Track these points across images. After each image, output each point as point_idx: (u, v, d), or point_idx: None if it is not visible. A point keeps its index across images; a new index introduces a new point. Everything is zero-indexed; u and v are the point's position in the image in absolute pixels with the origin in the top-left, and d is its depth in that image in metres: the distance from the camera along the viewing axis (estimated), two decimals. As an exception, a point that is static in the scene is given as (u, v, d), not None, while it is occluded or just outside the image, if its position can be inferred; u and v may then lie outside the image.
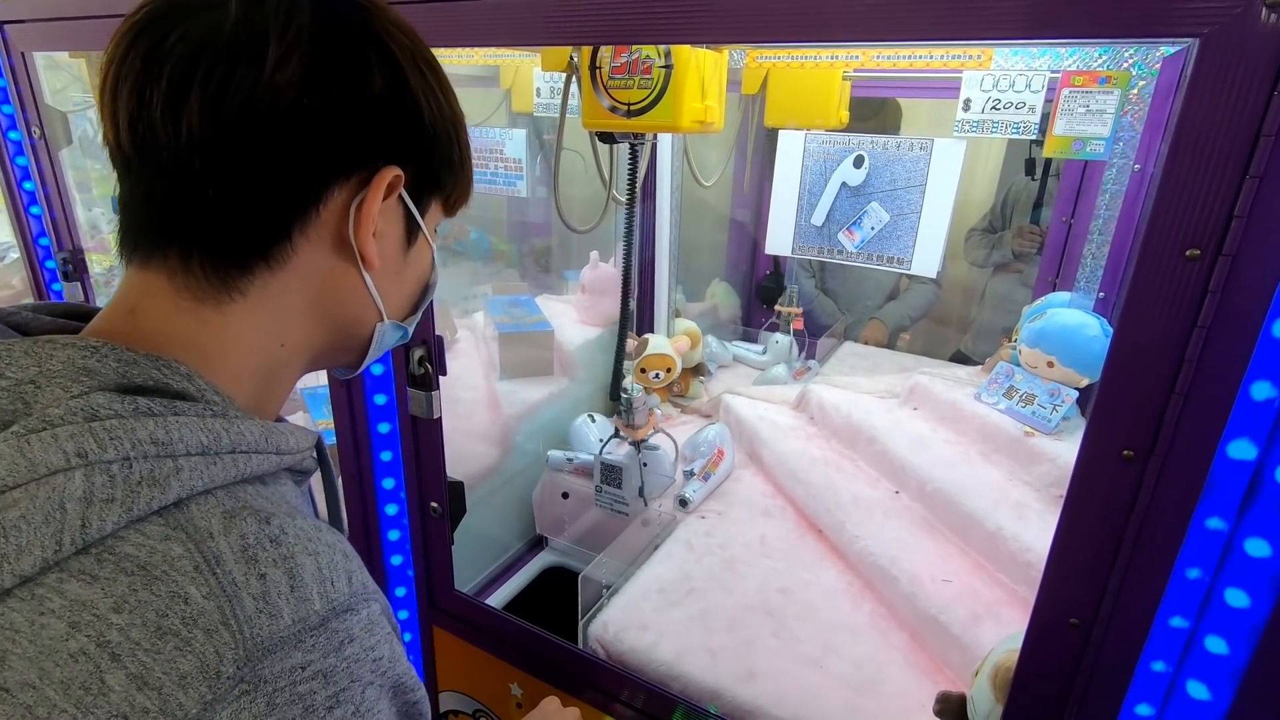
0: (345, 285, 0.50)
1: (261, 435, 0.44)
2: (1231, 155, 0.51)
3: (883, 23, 0.62)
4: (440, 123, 0.50)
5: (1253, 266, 0.53)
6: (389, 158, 0.47)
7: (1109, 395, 0.62)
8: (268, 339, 0.48)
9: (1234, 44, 0.50)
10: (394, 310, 0.55)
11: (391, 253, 0.51)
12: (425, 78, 0.48)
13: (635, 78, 1.14)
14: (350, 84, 0.44)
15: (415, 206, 0.51)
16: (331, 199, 0.46)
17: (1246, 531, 0.60)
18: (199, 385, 0.44)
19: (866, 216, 1.38)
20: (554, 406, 1.75)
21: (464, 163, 0.54)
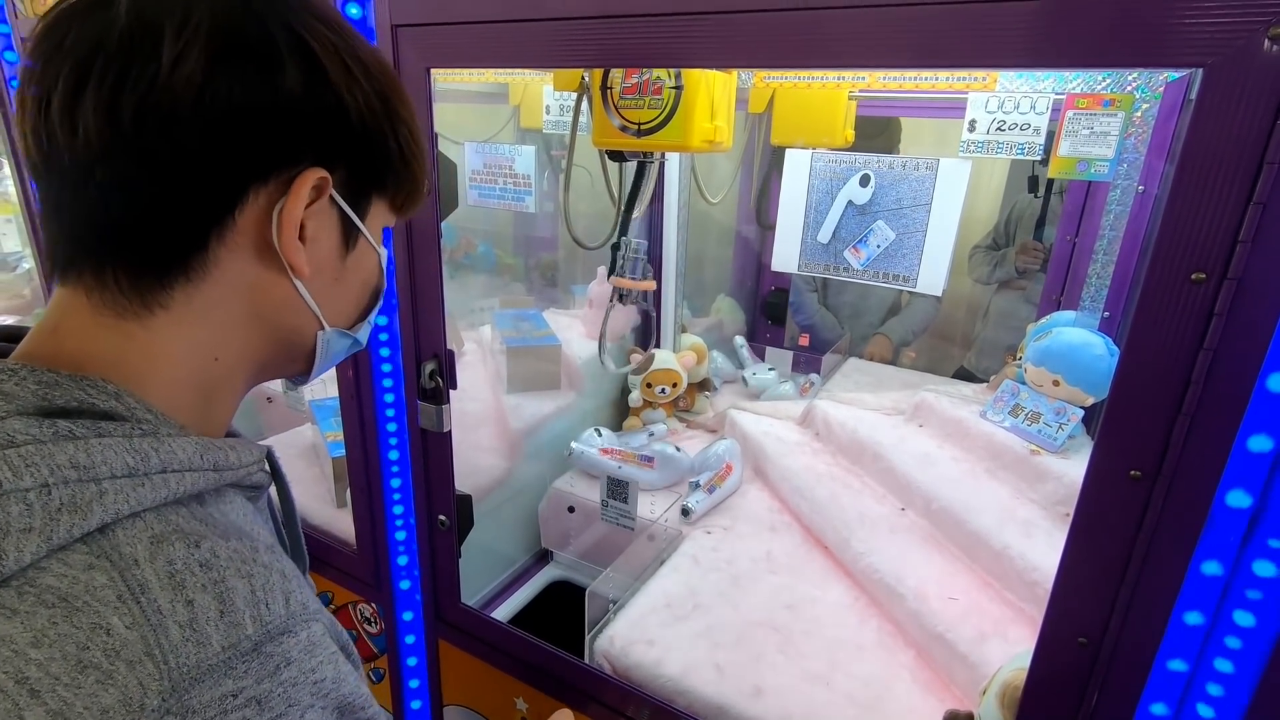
0: (277, 295, 0.47)
1: (196, 452, 0.43)
2: (1236, 181, 0.53)
3: (886, 49, 0.63)
4: (373, 119, 0.46)
5: (1257, 290, 0.53)
6: (312, 159, 0.44)
7: (1116, 416, 0.63)
8: (200, 352, 0.46)
9: (1238, 74, 0.51)
10: (336, 318, 0.52)
11: (327, 259, 0.49)
12: (350, 71, 0.45)
13: (646, 98, 1.15)
14: (258, 80, 0.41)
15: (353, 209, 0.48)
16: (249, 205, 0.43)
17: (1253, 554, 0.60)
18: (128, 403, 0.42)
19: (872, 235, 1.40)
20: (561, 420, 1.76)
21: (410, 161, 0.51)
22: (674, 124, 1.15)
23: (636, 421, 1.89)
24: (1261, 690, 0.62)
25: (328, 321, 0.51)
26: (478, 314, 2.12)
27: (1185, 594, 0.64)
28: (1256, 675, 0.62)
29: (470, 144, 1.81)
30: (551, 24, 0.81)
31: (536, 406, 1.72)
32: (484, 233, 2.34)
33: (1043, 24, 0.57)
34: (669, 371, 1.81)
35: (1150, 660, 0.67)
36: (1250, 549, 0.60)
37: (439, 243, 1.02)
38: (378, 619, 1.37)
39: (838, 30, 0.65)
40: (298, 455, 1.74)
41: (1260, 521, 0.58)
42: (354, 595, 1.39)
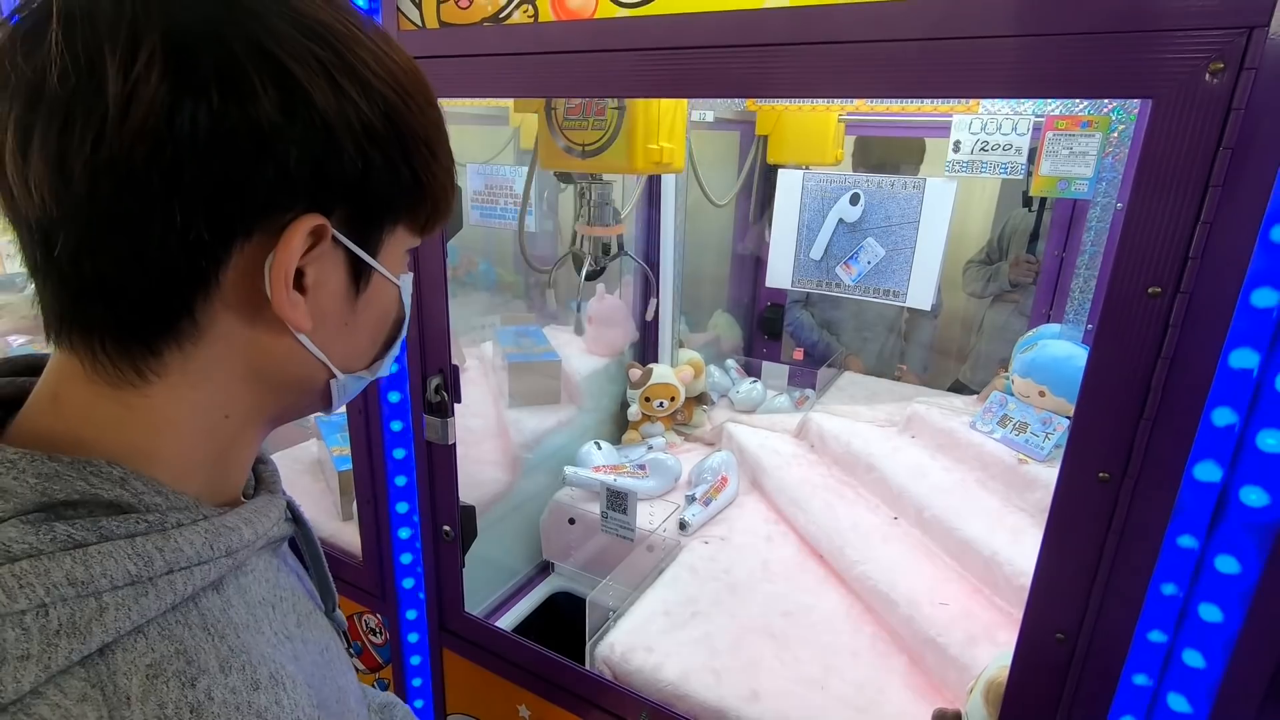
0: (279, 350, 0.42)
1: (206, 543, 0.39)
2: (1185, 203, 0.57)
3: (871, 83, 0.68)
4: (376, 144, 0.39)
5: (1207, 302, 0.58)
6: (304, 201, 0.38)
7: (1084, 421, 0.67)
8: (207, 415, 0.42)
9: (1183, 104, 0.56)
10: (348, 362, 0.47)
11: (333, 305, 0.43)
12: (342, 91, 0.37)
13: (589, 119, 1.12)
14: (225, 116, 0.34)
15: (362, 245, 0.42)
16: (234, 263, 0.38)
17: (1216, 549, 0.64)
18: (134, 489, 0.38)
19: (863, 251, 1.44)
20: (561, 434, 1.80)
21: (429, 178, 0.44)
22: (618, 145, 1.12)
23: (635, 435, 1.92)
24: (1228, 680, 0.65)
25: (340, 368, 0.46)
26: (479, 331, 2.17)
27: (1154, 588, 0.67)
28: (1223, 665, 0.65)
29: (472, 165, 1.87)
30: (544, 57, 0.86)
31: (538, 421, 1.76)
32: (485, 251, 2.39)
33: (1013, 59, 0.62)
34: (667, 386, 1.85)
35: (1124, 653, 0.70)
36: (1211, 545, 0.64)
37: (445, 262, 1.07)
38: (382, 629, 1.40)
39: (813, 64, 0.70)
40: (303, 470, 1.78)
41: (1221, 515, 0.62)
42: (359, 606, 1.42)
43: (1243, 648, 0.64)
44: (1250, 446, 0.59)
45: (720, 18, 0.73)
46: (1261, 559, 0.61)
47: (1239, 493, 0.62)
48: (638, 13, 0.78)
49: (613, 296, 1.95)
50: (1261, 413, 0.58)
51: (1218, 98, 0.54)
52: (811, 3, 0.68)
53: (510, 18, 0.86)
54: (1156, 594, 0.67)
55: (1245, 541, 0.62)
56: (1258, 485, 0.60)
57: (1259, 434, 0.59)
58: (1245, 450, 0.60)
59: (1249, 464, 0.59)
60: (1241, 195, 0.55)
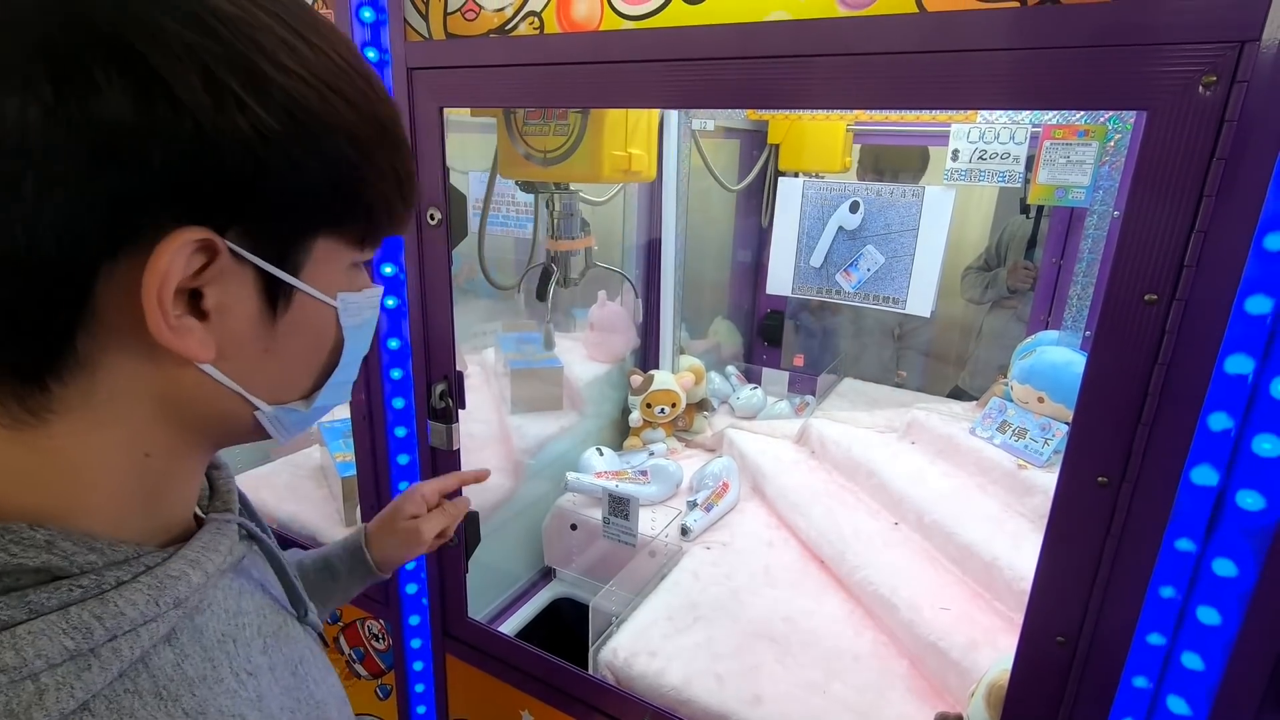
0: (186, 382, 0.37)
1: (150, 600, 0.36)
2: (1179, 212, 0.58)
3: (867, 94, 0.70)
4: (270, 145, 0.34)
5: (1202, 309, 0.59)
6: (177, 214, 0.33)
7: (1083, 426, 0.68)
8: (125, 455, 0.37)
9: (1177, 116, 0.57)
10: (275, 394, 0.41)
11: (246, 331, 0.38)
12: (219, 84, 0.32)
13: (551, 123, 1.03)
14: (63, 116, 0.30)
15: (278, 262, 0.37)
16: (104, 288, 0.33)
17: (1214, 552, 0.65)
18: (64, 550, 0.34)
19: (863, 258, 1.46)
20: (563, 440, 1.81)
21: (358, 183, 0.39)
22: (582, 151, 1.04)
23: (637, 441, 1.93)
24: (1227, 682, 0.66)
25: (264, 400, 0.41)
26: (480, 338, 2.18)
27: (1152, 591, 0.68)
28: (1222, 667, 0.66)
29: (474, 173, 1.88)
30: (550, 68, 0.87)
31: (540, 427, 1.77)
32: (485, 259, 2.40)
33: (1009, 70, 0.63)
34: (668, 392, 1.86)
35: (1124, 655, 0.71)
36: (1209, 549, 0.65)
37: (449, 270, 1.08)
38: (385, 635, 1.40)
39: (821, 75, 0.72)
40: (306, 476, 1.78)
41: (1218, 519, 0.63)
42: (362, 612, 1.42)
43: (1241, 650, 0.65)
44: (1246, 451, 0.60)
45: (723, 30, 0.75)
46: (1259, 562, 0.62)
47: (1236, 497, 0.63)
48: (642, 25, 0.79)
49: (614, 303, 1.97)
50: (1257, 418, 0.59)
51: (1211, 109, 0.56)
52: (812, 16, 0.70)
53: (516, 29, 0.88)
54: (1155, 597, 0.68)
55: (1242, 545, 0.63)
56: (1254, 489, 0.61)
57: (1255, 439, 0.60)
58: (1241, 455, 0.61)
59: (1245, 468, 0.61)
60: (1235, 204, 0.57)
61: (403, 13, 0.96)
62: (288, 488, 1.72)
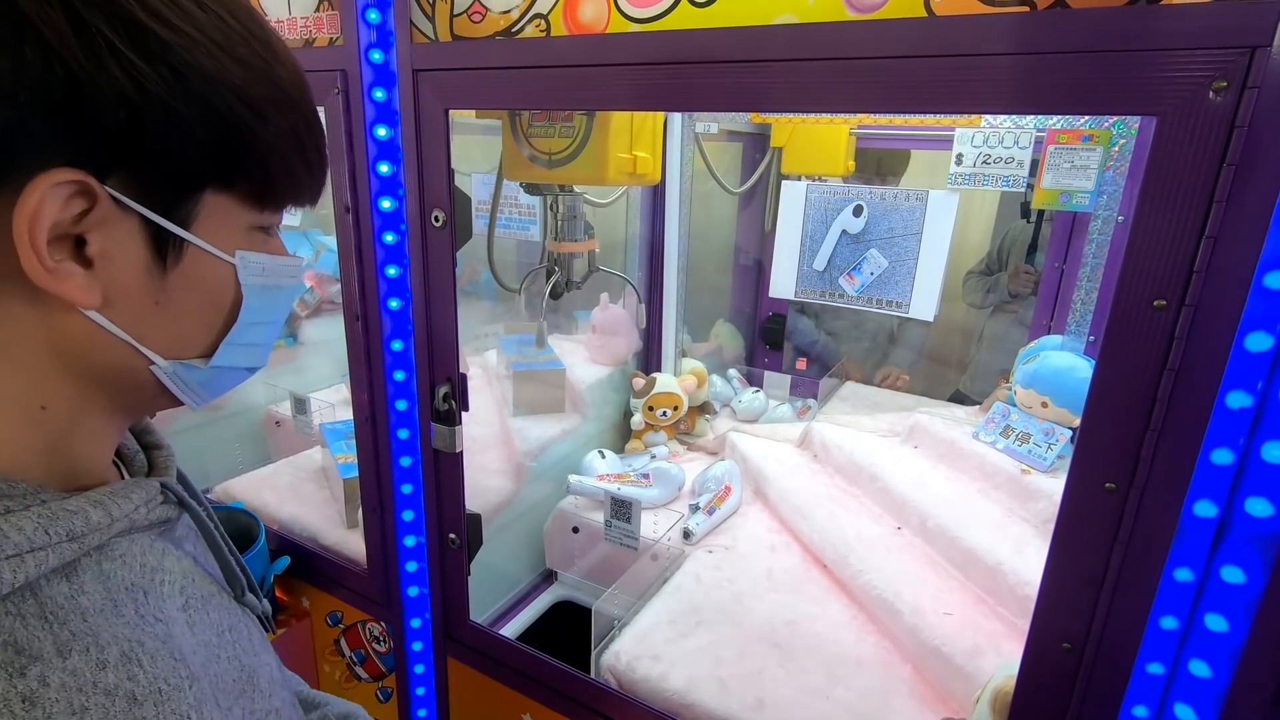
0: (76, 331, 0.38)
1: (39, 528, 0.35)
2: (1189, 217, 0.58)
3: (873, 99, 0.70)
4: (147, 95, 0.35)
5: (1212, 315, 0.59)
6: (49, 157, 0.34)
7: (1091, 432, 0.68)
8: (20, 406, 0.38)
9: (1187, 122, 0.57)
10: (172, 348, 0.42)
11: (132, 280, 0.38)
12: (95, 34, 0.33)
13: (556, 125, 1.04)
14: None
15: (164, 212, 0.38)
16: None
17: (1222, 560, 0.65)
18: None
19: (866, 262, 1.45)
20: (565, 443, 1.80)
21: (251, 140, 0.39)
22: (587, 154, 1.04)
23: (639, 444, 1.93)
24: (1235, 690, 0.66)
25: (160, 353, 0.41)
26: (482, 340, 2.17)
27: (1160, 598, 0.68)
28: (1229, 675, 0.66)
29: (477, 175, 1.88)
30: (557, 71, 0.87)
31: (542, 429, 1.77)
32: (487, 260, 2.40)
33: (1018, 75, 0.63)
34: (670, 395, 1.86)
35: (1131, 662, 0.71)
36: (1217, 556, 0.65)
37: (454, 272, 1.08)
38: (387, 638, 1.40)
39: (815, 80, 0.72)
40: (307, 478, 1.78)
41: (1228, 529, 0.63)
42: (363, 614, 1.42)
43: (1249, 657, 0.64)
44: (1255, 458, 0.60)
45: (731, 33, 0.74)
46: (1267, 570, 0.62)
47: (1244, 504, 0.62)
48: (649, 28, 0.79)
49: (616, 306, 1.96)
50: (1267, 425, 0.59)
51: (1221, 115, 0.56)
52: (820, 20, 0.70)
53: (522, 32, 0.88)
54: (1163, 605, 0.68)
55: (1250, 553, 0.63)
56: (1263, 496, 0.61)
57: (1264, 446, 0.59)
58: (1251, 462, 0.60)
59: (1254, 476, 0.60)
60: (1245, 210, 0.56)
61: (409, 14, 0.96)
62: (289, 488, 1.71)
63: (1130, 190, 1.32)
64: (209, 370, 0.44)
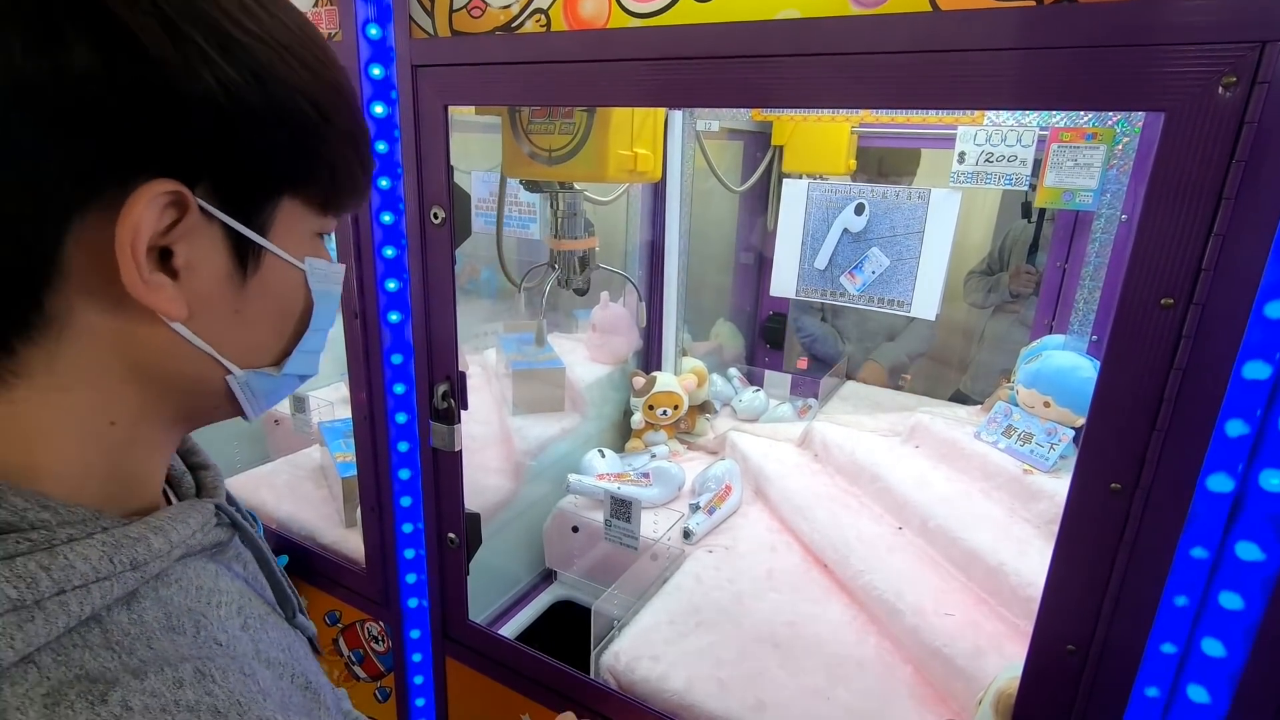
0: (155, 342, 0.37)
1: (104, 557, 0.34)
2: (1198, 215, 0.57)
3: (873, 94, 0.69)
4: (236, 102, 0.34)
5: (1220, 314, 0.58)
6: (147, 167, 0.33)
7: (1096, 432, 0.67)
8: (87, 421, 0.37)
9: (1197, 117, 0.56)
10: (246, 357, 0.42)
11: (216, 290, 0.38)
12: (185, 39, 0.32)
13: (556, 121, 1.03)
14: (30, 67, 0.29)
15: (245, 220, 0.38)
16: (74, 242, 0.33)
17: (1229, 561, 0.64)
18: (14, 505, 0.34)
19: (868, 261, 1.45)
20: (565, 442, 1.80)
21: (319, 145, 0.39)
22: (587, 151, 1.03)
23: (639, 443, 1.92)
24: (1240, 694, 0.65)
25: (235, 363, 0.41)
26: (482, 338, 2.16)
27: (1168, 594, 0.67)
28: (1237, 675, 0.65)
29: (477, 173, 1.88)
30: (557, 66, 0.86)
31: (541, 429, 1.76)
32: (487, 258, 2.39)
33: (1024, 71, 0.62)
34: (670, 394, 1.85)
35: (1136, 665, 0.70)
36: (1224, 560, 0.64)
37: (453, 269, 1.07)
38: (385, 637, 1.39)
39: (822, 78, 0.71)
40: (306, 476, 1.77)
41: (1232, 528, 0.62)
42: (362, 614, 1.41)
43: (1255, 659, 0.64)
44: (1265, 455, 0.59)
45: (731, 28, 0.74)
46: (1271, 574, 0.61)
47: (1250, 507, 0.62)
48: (650, 23, 0.79)
49: (616, 305, 1.96)
50: (1273, 428, 0.58)
51: (1230, 111, 0.55)
52: (824, 14, 0.69)
53: (523, 27, 0.87)
54: (1169, 606, 0.67)
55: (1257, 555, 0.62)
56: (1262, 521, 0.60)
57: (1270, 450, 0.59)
58: (1257, 464, 0.60)
59: (1259, 483, 0.60)
60: (1254, 207, 0.56)
61: (408, 9, 0.95)
62: (287, 487, 1.71)
63: (1134, 188, 1.31)
64: (277, 379, 0.45)
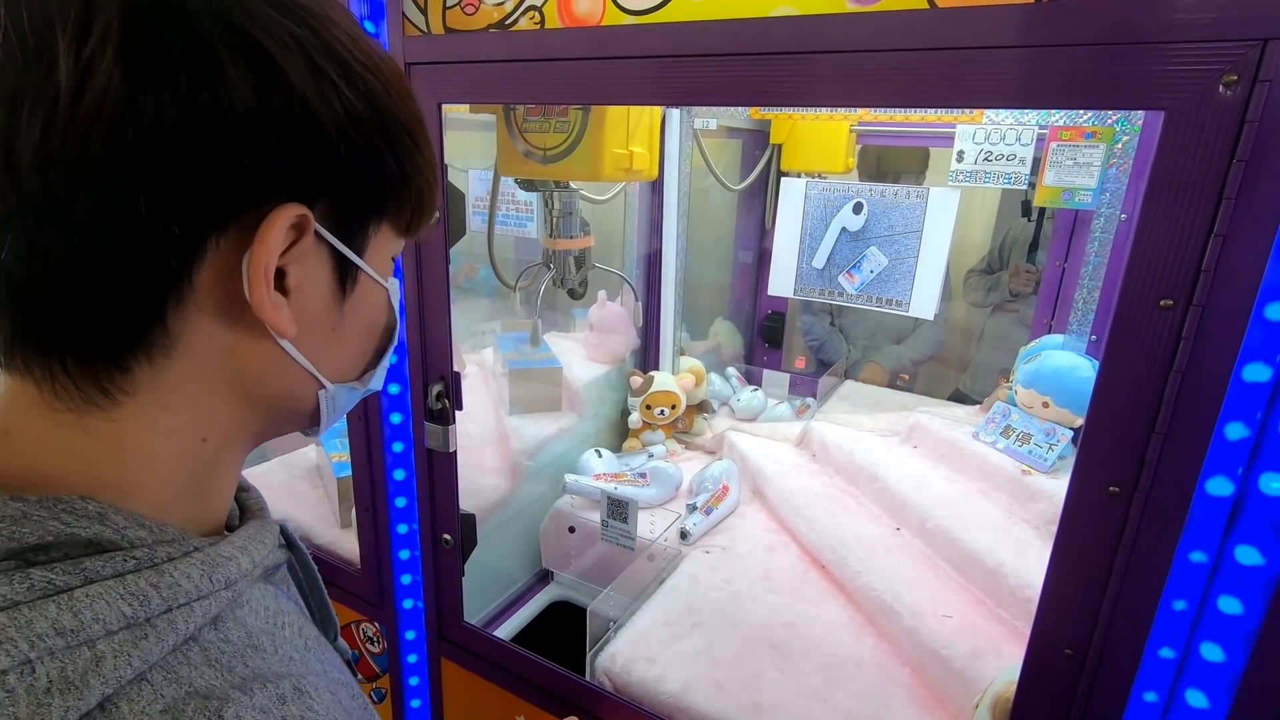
0: (260, 359, 0.39)
1: (204, 575, 0.36)
2: (1197, 215, 0.57)
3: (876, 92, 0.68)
4: (359, 132, 0.37)
5: (1220, 315, 0.57)
6: (283, 192, 0.35)
7: (1095, 435, 0.66)
8: (182, 438, 0.38)
9: (1196, 116, 0.55)
10: (338, 373, 0.44)
11: (319, 308, 0.40)
12: (322, 74, 0.35)
13: (551, 120, 1.03)
14: (196, 101, 0.31)
15: (347, 243, 0.39)
16: (208, 260, 0.34)
17: (1228, 564, 0.63)
18: (116, 524, 0.34)
19: (866, 260, 1.44)
20: (562, 441, 1.79)
21: (413, 176, 0.41)
22: (582, 149, 1.03)
23: (636, 443, 1.92)
24: (1240, 699, 0.64)
25: (328, 378, 0.43)
26: (479, 337, 2.16)
27: (1166, 598, 0.66)
28: (1236, 680, 0.64)
29: (474, 171, 1.87)
30: (550, 64, 0.85)
31: (538, 428, 1.75)
32: (484, 257, 2.38)
33: (1023, 69, 0.62)
34: (668, 394, 1.85)
35: (1134, 669, 0.69)
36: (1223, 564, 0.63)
37: (447, 269, 1.06)
38: (380, 638, 1.38)
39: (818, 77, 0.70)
40: (301, 476, 1.77)
41: (1231, 532, 0.62)
42: (357, 615, 1.41)
43: (1255, 665, 0.63)
44: (1266, 455, 0.59)
45: (727, 26, 0.73)
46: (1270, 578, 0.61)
47: (1250, 511, 0.61)
48: (644, 20, 0.78)
49: (614, 304, 1.95)
50: (1273, 432, 0.57)
51: (1231, 110, 0.54)
52: (820, 11, 0.68)
53: (516, 24, 0.86)
54: (1167, 610, 0.67)
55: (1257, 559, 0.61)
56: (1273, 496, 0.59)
57: (1270, 453, 0.58)
58: (1257, 467, 0.59)
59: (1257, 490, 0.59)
60: (1255, 207, 0.55)
61: (401, 7, 0.94)
62: (283, 488, 1.70)
63: (1134, 188, 1.30)
64: (359, 392, 0.47)
